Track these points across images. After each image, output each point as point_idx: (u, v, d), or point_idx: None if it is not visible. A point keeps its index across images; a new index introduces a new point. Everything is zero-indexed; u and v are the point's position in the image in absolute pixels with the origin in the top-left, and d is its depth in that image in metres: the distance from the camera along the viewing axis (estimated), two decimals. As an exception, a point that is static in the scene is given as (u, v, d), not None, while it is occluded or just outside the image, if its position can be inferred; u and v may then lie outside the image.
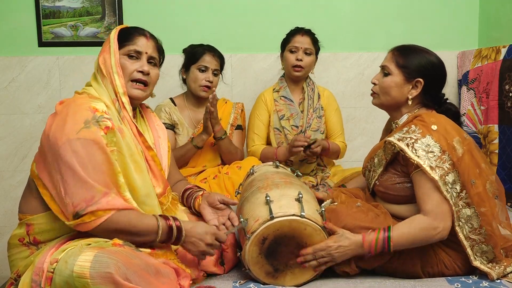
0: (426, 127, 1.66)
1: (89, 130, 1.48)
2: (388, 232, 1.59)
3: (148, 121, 1.84)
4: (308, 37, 2.62)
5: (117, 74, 1.64)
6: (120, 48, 1.67)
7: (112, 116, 1.58)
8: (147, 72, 1.69)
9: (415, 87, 1.78)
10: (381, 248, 1.60)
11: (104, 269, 1.29)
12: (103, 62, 1.65)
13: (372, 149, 1.93)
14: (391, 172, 1.78)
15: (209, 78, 2.51)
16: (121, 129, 1.58)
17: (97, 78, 1.66)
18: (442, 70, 1.82)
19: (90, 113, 1.51)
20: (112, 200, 1.47)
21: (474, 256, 1.65)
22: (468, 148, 1.68)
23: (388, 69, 1.80)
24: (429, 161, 1.62)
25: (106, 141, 1.50)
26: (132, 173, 1.57)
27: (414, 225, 1.61)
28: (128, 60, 1.68)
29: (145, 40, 1.71)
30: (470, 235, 1.65)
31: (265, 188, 1.72)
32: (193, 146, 2.47)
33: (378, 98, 1.86)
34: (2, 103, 2.99)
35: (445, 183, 1.61)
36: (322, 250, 1.59)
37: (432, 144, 1.64)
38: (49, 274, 1.35)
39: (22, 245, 1.56)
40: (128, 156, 1.57)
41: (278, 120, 2.67)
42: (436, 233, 1.60)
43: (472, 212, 1.64)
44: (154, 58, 1.74)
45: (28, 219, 1.56)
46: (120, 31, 1.72)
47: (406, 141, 1.66)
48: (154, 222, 1.53)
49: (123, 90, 1.64)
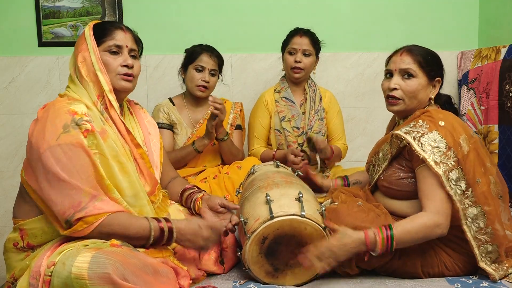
0: (433, 123, 1.66)
1: (68, 135, 1.46)
2: (390, 230, 1.57)
3: (137, 117, 1.82)
4: (307, 38, 2.61)
5: (100, 72, 1.60)
6: (99, 45, 1.64)
7: (94, 117, 1.55)
8: (131, 66, 1.67)
9: (434, 87, 1.79)
10: (384, 246, 1.56)
11: (102, 270, 1.28)
12: (82, 62, 1.61)
13: (377, 144, 1.92)
14: (396, 167, 1.77)
15: (205, 78, 2.50)
16: (103, 131, 1.55)
17: (74, 80, 1.63)
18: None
19: (68, 116, 1.49)
20: (100, 203, 1.46)
21: (480, 257, 1.64)
22: (474, 146, 1.68)
23: (413, 71, 1.74)
24: (434, 156, 1.61)
25: (87, 144, 1.49)
26: (117, 174, 1.55)
27: (417, 223, 1.59)
28: (110, 56, 1.64)
29: (123, 33, 1.68)
30: (477, 235, 1.64)
31: (266, 188, 1.72)
32: (194, 149, 2.46)
33: (402, 104, 1.78)
34: (2, 103, 2.99)
35: (448, 179, 1.61)
36: (324, 248, 1.56)
37: (438, 140, 1.63)
38: (47, 277, 1.34)
39: (16, 249, 1.56)
40: (111, 157, 1.54)
41: (279, 122, 2.67)
42: (438, 229, 1.58)
43: (478, 211, 1.63)
44: (134, 50, 1.71)
45: (21, 224, 1.56)
46: (95, 27, 1.68)
47: (413, 135, 1.66)
48: (146, 225, 1.52)
49: (109, 87, 1.61)
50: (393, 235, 1.56)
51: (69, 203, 1.43)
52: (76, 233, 1.45)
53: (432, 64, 1.77)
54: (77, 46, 1.65)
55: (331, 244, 1.56)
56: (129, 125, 1.73)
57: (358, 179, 2.13)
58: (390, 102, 1.79)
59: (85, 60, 1.61)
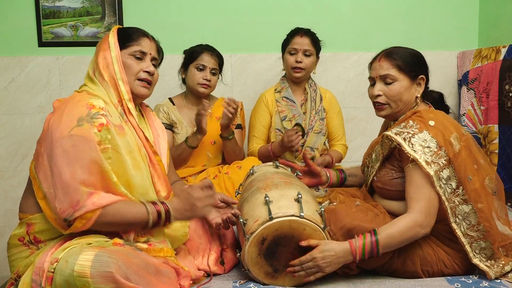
0: (423, 123, 1.67)
1: (81, 128, 1.48)
2: (375, 235, 1.59)
3: (148, 119, 1.84)
4: (308, 38, 2.61)
5: (121, 81, 1.64)
6: (124, 48, 1.68)
7: (112, 113, 1.58)
8: (152, 73, 1.72)
9: (419, 85, 1.79)
10: (369, 253, 1.59)
11: (104, 268, 1.29)
12: (105, 68, 1.65)
13: (370, 145, 1.94)
14: (388, 167, 1.78)
15: (207, 76, 2.51)
16: (120, 127, 1.57)
17: (94, 80, 1.65)
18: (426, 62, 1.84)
19: (85, 109, 1.51)
20: (98, 199, 1.46)
21: (473, 253, 1.66)
22: (466, 144, 1.69)
23: (392, 76, 1.77)
24: (425, 156, 1.63)
25: (99, 138, 1.49)
26: (130, 170, 1.56)
27: (401, 225, 1.60)
28: (134, 61, 1.69)
29: (148, 41, 1.74)
30: (468, 232, 1.65)
31: (265, 189, 1.72)
32: (187, 146, 2.45)
33: (389, 108, 1.80)
34: (2, 103, 2.99)
35: (439, 178, 1.62)
36: (308, 261, 1.58)
37: (428, 139, 1.64)
38: (50, 274, 1.35)
39: (22, 245, 1.56)
40: (126, 153, 1.55)
41: (280, 121, 2.67)
42: (422, 229, 1.61)
43: (470, 209, 1.65)
44: (156, 59, 1.77)
45: (29, 218, 1.56)
46: (120, 32, 1.72)
47: (403, 136, 1.67)
48: (143, 210, 1.53)
49: (129, 96, 1.65)
50: (378, 240, 1.58)
51: (69, 201, 1.43)
52: (77, 229, 1.46)
53: (412, 65, 1.78)
54: (99, 50, 1.68)
55: (314, 258, 1.57)
56: (142, 127, 1.75)
57: (354, 172, 2.14)
58: (377, 107, 1.83)
59: (108, 67, 1.64)
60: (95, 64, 1.67)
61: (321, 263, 1.57)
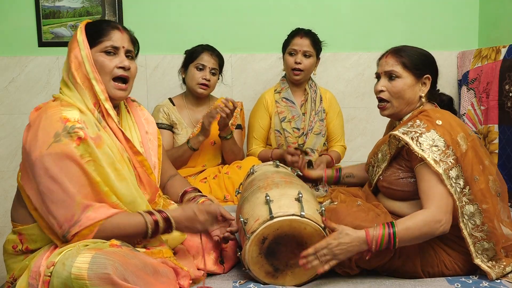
0: (431, 122, 1.67)
1: (59, 144, 1.42)
2: (393, 227, 1.56)
3: (134, 115, 1.77)
4: (308, 38, 2.60)
5: (95, 80, 1.56)
6: (94, 45, 1.59)
7: (88, 123, 1.50)
8: (128, 68, 1.62)
9: (424, 84, 1.79)
10: (386, 244, 1.55)
11: (102, 270, 1.28)
12: (77, 68, 1.56)
13: (376, 145, 1.93)
14: (395, 167, 1.78)
15: (206, 76, 2.51)
16: (97, 137, 1.50)
17: (68, 85, 1.58)
18: (436, 63, 1.84)
19: (60, 124, 1.44)
20: (92, 213, 1.44)
21: (475, 254, 1.65)
22: (472, 144, 1.68)
23: (396, 73, 1.78)
24: (433, 154, 1.62)
25: (80, 152, 1.44)
26: (113, 182, 1.51)
27: (418, 219, 1.58)
28: (106, 57, 1.59)
29: (119, 33, 1.62)
30: (473, 232, 1.64)
31: (265, 188, 1.72)
32: (189, 147, 2.45)
33: (390, 107, 1.81)
34: (2, 103, 2.99)
35: (448, 177, 1.61)
36: (323, 248, 1.55)
37: (436, 139, 1.64)
38: (47, 278, 1.33)
39: (15, 252, 1.55)
40: (107, 165, 1.49)
41: (279, 122, 2.67)
42: (440, 226, 1.58)
43: (475, 209, 1.64)
44: (131, 51, 1.66)
45: (19, 228, 1.54)
46: (88, 27, 1.62)
47: (410, 135, 1.66)
48: (141, 221, 1.51)
49: (105, 95, 1.57)
50: (395, 232, 1.55)
51: (63, 215, 1.41)
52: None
53: (418, 63, 1.78)
54: (70, 50, 1.59)
55: (329, 244, 1.55)
56: (126, 125, 1.71)
57: (352, 172, 2.13)
58: (380, 107, 1.84)
59: (80, 66, 1.56)
60: (67, 66, 1.59)
61: (336, 250, 1.54)
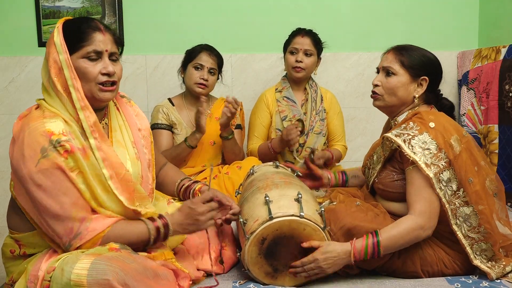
0: (423, 124, 1.67)
1: (47, 159, 1.38)
2: (376, 237, 1.59)
3: (125, 113, 1.69)
4: (309, 38, 2.61)
5: (73, 88, 1.45)
6: (76, 51, 1.47)
7: (73, 134, 1.44)
8: (112, 73, 1.51)
9: (420, 85, 1.79)
10: (371, 254, 1.59)
11: (101, 276, 1.27)
12: (57, 75, 1.46)
13: (371, 147, 1.94)
14: (389, 169, 1.78)
15: (204, 76, 2.51)
16: (84, 148, 1.44)
17: (49, 91, 1.49)
18: (440, 66, 1.84)
19: (45, 138, 1.38)
20: (92, 224, 1.43)
21: (474, 255, 1.65)
22: (467, 146, 1.68)
23: (393, 70, 1.79)
24: (425, 158, 1.63)
25: (69, 165, 1.41)
26: (100, 194, 1.47)
27: (403, 227, 1.61)
28: (89, 63, 1.48)
29: (101, 36, 1.49)
30: (469, 234, 1.65)
31: (265, 188, 1.72)
32: (187, 145, 2.45)
33: (382, 100, 1.83)
34: (2, 103, 2.99)
35: (439, 180, 1.62)
36: (310, 262, 1.58)
37: (428, 141, 1.64)
38: (46, 283, 1.32)
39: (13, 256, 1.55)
40: (93, 176, 1.45)
41: (280, 121, 2.67)
42: (423, 231, 1.61)
43: (470, 210, 1.64)
44: (114, 53, 1.54)
45: (16, 236, 1.53)
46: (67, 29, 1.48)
47: (403, 137, 1.67)
48: (145, 229, 1.52)
49: (81, 104, 1.45)
50: (379, 241, 1.58)
51: (61, 229, 1.40)
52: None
53: (417, 63, 1.78)
54: (48, 52, 1.48)
55: (316, 259, 1.57)
56: (116, 125, 1.64)
57: (356, 173, 2.15)
58: (372, 96, 1.87)
59: (60, 72, 1.46)
60: (46, 70, 1.49)
61: (323, 265, 1.57)
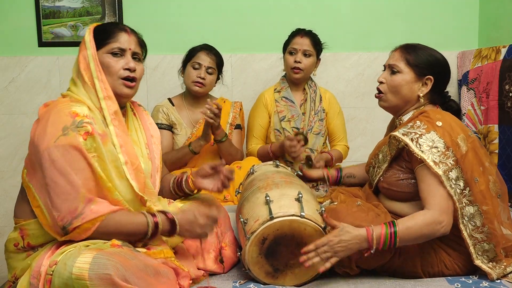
0: (431, 123, 1.67)
1: (67, 137, 1.45)
2: (394, 227, 1.56)
3: (141, 119, 1.80)
4: (308, 38, 2.61)
5: (97, 79, 1.58)
6: (102, 47, 1.62)
7: (96, 120, 1.54)
8: (133, 69, 1.64)
9: (425, 85, 1.79)
10: (387, 243, 1.55)
11: (103, 271, 1.29)
12: (85, 68, 1.59)
13: (377, 146, 1.93)
14: (396, 168, 1.78)
15: (201, 74, 2.51)
16: (104, 134, 1.53)
17: (77, 83, 1.61)
18: (448, 67, 1.84)
19: (69, 118, 1.48)
20: (96, 206, 1.45)
21: (476, 255, 1.65)
22: (472, 146, 1.68)
23: (398, 67, 1.79)
24: (433, 156, 1.62)
25: (87, 146, 1.48)
26: (114, 179, 1.54)
27: (419, 220, 1.58)
28: (113, 58, 1.62)
29: (126, 36, 1.66)
30: (473, 234, 1.65)
31: (265, 188, 1.72)
32: (190, 150, 2.45)
33: (385, 98, 1.83)
34: (2, 103, 2.99)
35: (448, 178, 1.61)
36: (323, 244, 1.54)
37: (436, 140, 1.64)
38: (48, 276, 1.34)
39: (17, 249, 1.56)
40: (109, 161, 1.53)
41: (278, 122, 2.67)
42: (441, 227, 1.58)
43: (475, 210, 1.64)
44: (137, 53, 1.69)
45: (22, 224, 1.55)
46: (97, 29, 1.66)
47: (410, 136, 1.66)
48: (144, 221, 1.53)
49: (104, 94, 1.58)
50: (396, 232, 1.55)
51: (66, 207, 1.42)
52: (74, 238, 1.45)
53: (422, 62, 1.78)
54: (79, 51, 1.64)
55: (330, 240, 1.55)
56: (132, 126, 1.73)
57: (352, 172, 2.13)
58: (376, 96, 1.87)
59: (88, 66, 1.59)
60: (77, 66, 1.62)
61: (336, 247, 1.54)
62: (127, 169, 1.57)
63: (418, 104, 1.81)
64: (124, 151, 1.58)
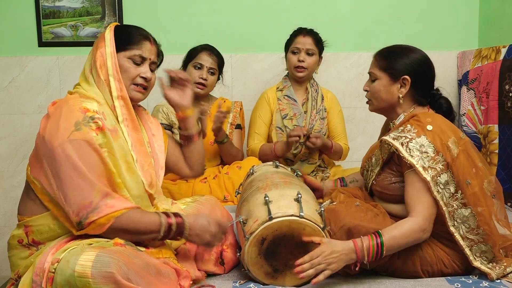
0: (421, 127, 1.67)
1: (80, 132, 1.47)
2: (380, 237, 1.58)
3: (141, 119, 1.81)
4: (310, 37, 2.62)
5: (112, 77, 1.61)
6: (123, 50, 1.64)
7: (106, 115, 1.56)
8: (149, 79, 1.68)
9: (403, 85, 1.79)
10: (375, 255, 1.58)
11: (105, 269, 1.29)
12: (102, 66, 1.61)
13: (370, 149, 1.95)
14: (387, 171, 1.79)
15: (203, 75, 2.51)
16: (115, 130, 1.56)
17: (89, 80, 1.63)
18: (427, 64, 1.82)
19: (81, 114, 1.50)
20: (112, 201, 1.47)
21: (473, 257, 1.66)
22: (464, 148, 1.68)
23: (374, 75, 1.83)
24: (422, 161, 1.63)
25: (99, 141, 1.50)
26: (124, 174, 1.57)
27: (404, 229, 1.61)
28: (132, 65, 1.65)
29: (150, 45, 1.69)
30: (468, 235, 1.65)
31: (264, 188, 1.72)
32: None
33: (372, 104, 1.88)
34: (2, 103, 2.99)
35: (436, 183, 1.62)
36: (317, 256, 1.55)
37: (426, 144, 1.64)
38: (51, 274, 1.35)
39: (21, 246, 1.56)
40: (120, 157, 1.56)
41: (280, 119, 2.68)
42: (423, 234, 1.62)
43: (469, 212, 1.65)
44: (155, 63, 1.73)
45: (26, 220, 1.56)
46: (119, 29, 1.68)
47: (400, 140, 1.67)
48: (157, 221, 1.53)
49: (117, 94, 1.61)
50: (383, 242, 1.58)
51: (80, 202, 1.43)
52: (89, 233, 1.47)
53: (393, 64, 1.79)
54: (97, 47, 1.64)
55: (323, 252, 1.55)
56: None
57: (354, 177, 2.16)
58: (367, 102, 1.92)
59: (105, 64, 1.61)
60: (92, 62, 1.64)
61: (330, 258, 1.55)
62: (138, 165, 1.61)
63: (405, 106, 1.81)
64: (134, 149, 1.62)
